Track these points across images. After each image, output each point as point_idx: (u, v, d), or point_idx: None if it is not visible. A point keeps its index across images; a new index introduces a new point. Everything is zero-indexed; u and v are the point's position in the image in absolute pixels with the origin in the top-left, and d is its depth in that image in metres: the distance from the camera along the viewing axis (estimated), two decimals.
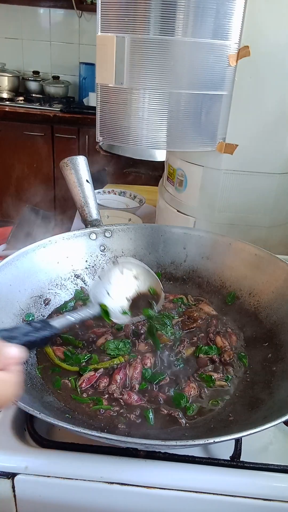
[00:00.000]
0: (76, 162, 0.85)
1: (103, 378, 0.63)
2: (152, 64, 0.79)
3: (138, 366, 0.64)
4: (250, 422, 0.55)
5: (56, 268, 0.80)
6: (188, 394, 0.61)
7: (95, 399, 0.60)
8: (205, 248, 0.86)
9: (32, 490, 0.53)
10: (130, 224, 0.91)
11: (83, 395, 0.61)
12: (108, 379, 0.63)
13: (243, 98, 0.85)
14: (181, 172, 1.00)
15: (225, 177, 0.93)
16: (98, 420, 0.58)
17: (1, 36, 3.31)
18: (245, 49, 0.81)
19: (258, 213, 0.96)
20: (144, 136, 0.85)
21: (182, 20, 0.76)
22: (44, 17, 3.25)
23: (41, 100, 3.14)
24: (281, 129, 0.89)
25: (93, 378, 0.63)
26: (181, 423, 0.57)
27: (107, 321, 0.67)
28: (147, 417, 0.57)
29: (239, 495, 0.53)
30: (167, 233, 0.88)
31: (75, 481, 0.53)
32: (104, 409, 0.59)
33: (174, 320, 0.76)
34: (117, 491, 0.53)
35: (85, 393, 0.62)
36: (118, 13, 0.77)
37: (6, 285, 0.69)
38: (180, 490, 0.53)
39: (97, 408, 0.59)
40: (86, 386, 0.62)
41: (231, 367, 0.67)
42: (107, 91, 0.84)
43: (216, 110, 0.86)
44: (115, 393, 0.60)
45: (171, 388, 0.63)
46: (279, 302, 0.73)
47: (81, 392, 0.62)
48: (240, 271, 0.81)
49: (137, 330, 0.71)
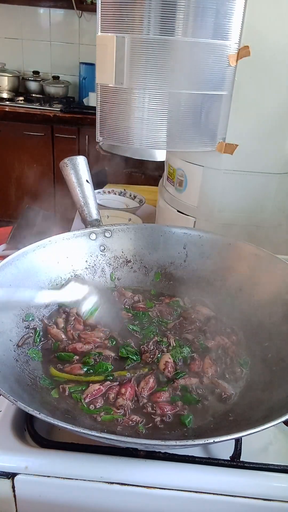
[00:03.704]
0: (76, 162, 0.85)
1: (111, 390, 0.62)
2: (152, 64, 0.79)
3: (149, 381, 0.63)
4: (250, 422, 0.55)
5: (56, 268, 0.80)
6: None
7: (106, 408, 0.59)
8: (205, 248, 0.86)
9: (32, 490, 0.53)
10: (130, 224, 0.91)
11: (90, 407, 0.60)
12: (115, 391, 0.62)
13: (243, 98, 0.85)
14: (181, 172, 1.00)
15: (225, 177, 0.93)
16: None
17: (1, 36, 3.31)
18: (245, 49, 0.81)
19: (258, 213, 0.96)
20: (144, 136, 0.85)
21: (182, 20, 0.76)
22: (44, 17, 3.25)
23: (41, 100, 3.14)
24: (281, 129, 0.89)
25: (99, 392, 0.61)
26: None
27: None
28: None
29: (239, 495, 0.53)
30: (167, 233, 0.88)
31: (75, 481, 0.53)
32: (120, 418, 0.57)
33: (171, 323, 0.76)
34: (117, 491, 0.53)
35: (92, 404, 0.60)
36: (118, 13, 0.77)
37: (6, 285, 0.69)
38: (180, 490, 0.53)
39: (110, 419, 0.57)
40: (90, 399, 0.61)
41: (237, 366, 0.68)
42: (107, 91, 0.84)
43: (216, 110, 0.86)
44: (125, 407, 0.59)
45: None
46: (279, 302, 0.72)
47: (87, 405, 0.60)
48: (240, 271, 0.81)
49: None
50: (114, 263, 0.87)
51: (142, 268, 0.89)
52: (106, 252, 0.86)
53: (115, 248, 0.87)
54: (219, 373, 0.67)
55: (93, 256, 0.85)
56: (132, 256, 0.88)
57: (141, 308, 0.80)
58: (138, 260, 0.88)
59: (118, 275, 0.88)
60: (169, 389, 0.63)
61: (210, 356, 0.69)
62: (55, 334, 0.72)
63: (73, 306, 0.78)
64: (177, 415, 0.59)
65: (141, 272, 0.89)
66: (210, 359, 0.69)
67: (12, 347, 0.64)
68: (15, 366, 0.62)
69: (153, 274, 0.89)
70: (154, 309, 0.80)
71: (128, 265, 0.88)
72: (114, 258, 0.87)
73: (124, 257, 0.88)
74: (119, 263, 0.88)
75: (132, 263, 0.88)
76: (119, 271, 0.88)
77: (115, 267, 0.87)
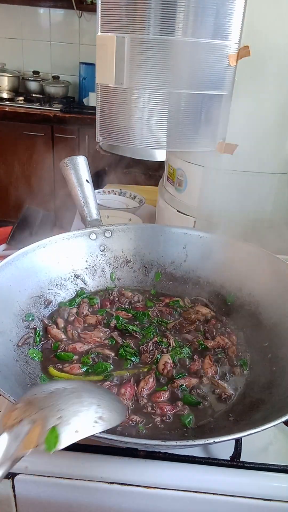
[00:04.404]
0: (76, 162, 0.85)
1: (111, 390, 0.62)
2: (152, 64, 0.79)
3: (149, 381, 0.63)
4: (250, 422, 0.55)
5: (56, 268, 0.80)
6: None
7: None
8: (205, 248, 0.86)
9: (32, 490, 0.53)
10: (130, 224, 0.91)
11: None
12: (115, 391, 0.62)
13: (243, 98, 0.85)
14: (181, 172, 1.00)
15: (225, 177, 0.93)
16: None
17: (1, 36, 3.31)
18: (245, 49, 0.81)
19: (258, 213, 0.96)
20: (144, 136, 0.85)
21: (182, 20, 0.76)
22: (44, 17, 3.25)
23: (41, 100, 3.15)
24: (281, 129, 0.89)
25: None
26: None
27: None
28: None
29: (239, 495, 0.53)
30: (167, 233, 0.88)
31: (75, 481, 0.53)
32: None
33: (170, 324, 0.76)
34: (117, 491, 0.53)
35: None
36: (118, 13, 0.77)
37: (6, 285, 0.69)
38: (180, 490, 0.53)
39: None
40: None
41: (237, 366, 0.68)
42: (107, 91, 0.84)
43: (216, 110, 0.86)
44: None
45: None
46: (279, 302, 0.72)
47: None
48: (240, 271, 0.81)
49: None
50: (114, 263, 0.87)
51: (142, 268, 0.89)
52: (106, 252, 0.86)
53: (115, 248, 0.87)
54: (219, 373, 0.67)
55: (93, 256, 0.85)
56: (132, 256, 0.88)
57: (141, 308, 0.80)
58: (138, 260, 0.89)
59: (118, 275, 0.88)
60: (169, 389, 0.63)
61: (210, 356, 0.69)
62: (55, 334, 0.72)
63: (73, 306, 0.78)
64: (177, 415, 0.59)
65: (141, 272, 0.89)
66: (210, 359, 0.69)
67: (12, 347, 0.64)
68: (15, 366, 0.62)
69: (153, 274, 0.89)
70: (154, 309, 0.80)
71: (128, 265, 0.88)
72: (114, 258, 0.87)
73: (124, 257, 0.88)
74: (119, 263, 0.88)
75: (132, 263, 0.88)
76: (119, 271, 0.88)
77: (115, 267, 0.87)
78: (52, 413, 0.41)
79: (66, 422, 0.40)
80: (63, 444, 0.39)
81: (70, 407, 0.42)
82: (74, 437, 0.40)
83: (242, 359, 0.69)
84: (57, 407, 0.41)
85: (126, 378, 0.64)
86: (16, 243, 1.18)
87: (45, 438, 0.39)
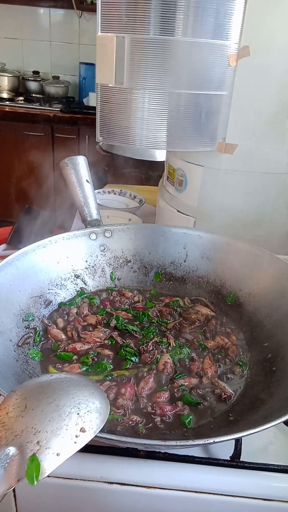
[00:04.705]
0: (76, 162, 0.85)
1: (110, 390, 0.62)
2: (152, 64, 0.79)
3: (149, 381, 0.63)
4: (250, 422, 0.55)
5: (56, 268, 0.80)
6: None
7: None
8: (205, 248, 0.86)
9: (32, 490, 0.53)
10: (130, 224, 0.91)
11: None
12: (115, 391, 0.62)
13: (243, 98, 0.85)
14: (181, 172, 1.00)
15: (225, 177, 0.93)
16: None
17: (1, 36, 3.31)
18: (245, 49, 0.81)
19: (258, 213, 0.96)
20: (144, 136, 0.85)
21: (182, 20, 0.76)
22: (44, 17, 3.25)
23: (41, 100, 3.14)
24: (281, 129, 0.89)
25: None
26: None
27: None
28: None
29: (239, 495, 0.53)
30: (167, 233, 0.88)
31: (75, 481, 0.53)
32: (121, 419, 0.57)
33: (170, 324, 0.76)
34: (117, 491, 0.53)
35: None
36: (118, 13, 0.77)
37: (6, 285, 0.69)
38: (180, 490, 0.53)
39: (109, 419, 0.56)
40: None
41: (237, 366, 0.68)
42: (107, 91, 0.84)
43: (216, 110, 0.86)
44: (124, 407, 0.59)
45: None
46: (279, 302, 0.72)
47: None
48: (240, 271, 0.81)
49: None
50: (114, 263, 0.87)
51: (142, 268, 0.89)
52: (106, 252, 0.86)
53: (115, 248, 0.87)
54: (219, 373, 0.67)
55: (93, 256, 0.85)
56: (132, 256, 0.88)
57: (141, 308, 0.80)
58: (138, 260, 0.89)
59: (118, 275, 0.88)
60: (169, 389, 0.63)
61: (210, 356, 0.69)
62: (55, 334, 0.72)
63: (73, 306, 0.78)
64: (177, 415, 0.59)
65: (141, 272, 0.89)
66: (210, 359, 0.69)
67: (12, 347, 0.64)
68: (15, 366, 0.62)
69: (153, 274, 0.89)
70: (154, 309, 0.80)
71: (128, 265, 0.88)
72: (114, 258, 0.87)
73: (124, 257, 0.88)
74: (119, 263, 0.88)
75: (132, 263, 0.88)
76: (119, 271, 0.88)
77: (115, 267, 0.87)
78: (29, 437, 0.38)
79: (45, 446, 0.38)
80: (47, 472, 0.37)
81: (48, 427, 0.39)
82: (57, 461, 0.38)
83: (242, 359, 0.69)
84: (33, 429, 0.38)
85: (126, 378, 0.64)
86: (16, 243, 1.18)
87: (25, 470, 0.36)
